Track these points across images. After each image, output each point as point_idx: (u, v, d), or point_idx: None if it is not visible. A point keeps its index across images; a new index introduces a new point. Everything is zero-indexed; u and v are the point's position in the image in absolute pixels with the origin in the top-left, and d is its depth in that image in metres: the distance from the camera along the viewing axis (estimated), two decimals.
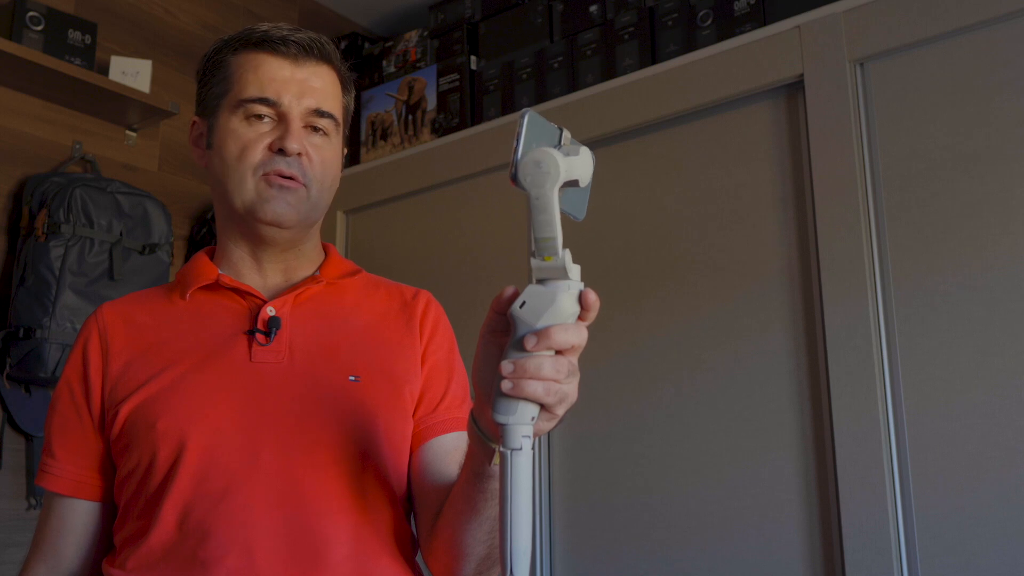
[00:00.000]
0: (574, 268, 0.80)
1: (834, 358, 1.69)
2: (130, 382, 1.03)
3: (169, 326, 1.07)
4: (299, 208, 1.05)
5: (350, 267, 1.16)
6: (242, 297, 1.07)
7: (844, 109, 1.76)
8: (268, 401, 1.00)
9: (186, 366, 1.02)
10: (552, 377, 0.76)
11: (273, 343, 1.03)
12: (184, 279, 1.10)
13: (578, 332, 0.77)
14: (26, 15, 2.04)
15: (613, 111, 2.10)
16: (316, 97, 1.06)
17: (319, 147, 1.07)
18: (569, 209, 0.85)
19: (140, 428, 1.00)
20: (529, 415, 0.78)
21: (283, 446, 0.98)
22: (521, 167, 0.78)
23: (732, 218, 1.91)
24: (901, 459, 1.62)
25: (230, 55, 1.09)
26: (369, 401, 1.03)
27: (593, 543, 1.96)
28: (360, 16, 2.96)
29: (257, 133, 1.04)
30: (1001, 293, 1.57)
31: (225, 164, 1.05)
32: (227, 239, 1.11)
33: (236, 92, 1.06)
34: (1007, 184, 1.60)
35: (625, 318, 2.01)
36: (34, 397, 2.01)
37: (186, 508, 0.96)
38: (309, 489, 0.97)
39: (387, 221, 2.45)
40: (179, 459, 0.97)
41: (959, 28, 1.67)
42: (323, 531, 0.96)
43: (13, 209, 2.08)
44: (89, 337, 1.09)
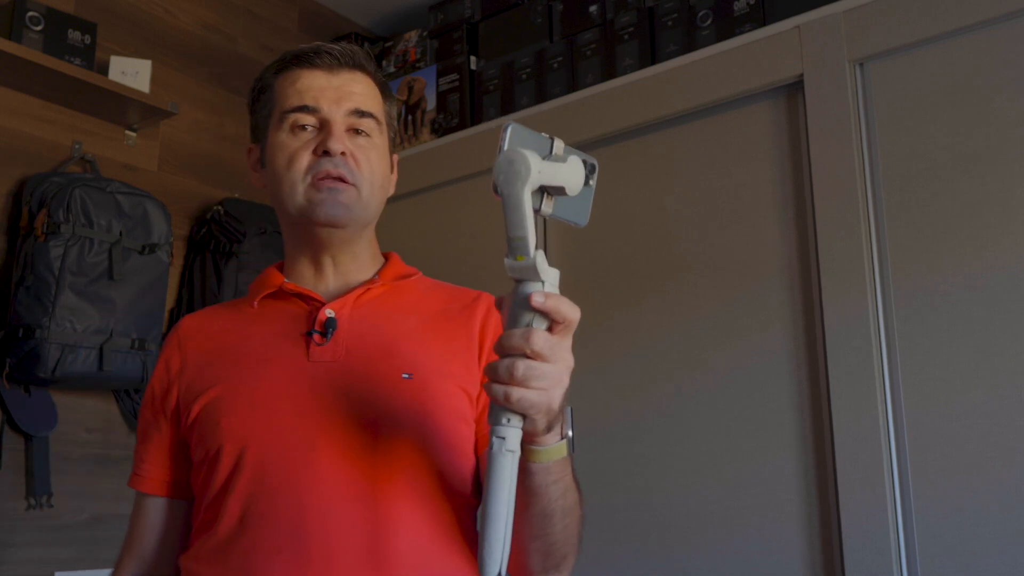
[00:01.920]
0: (550, 271, 0.80)
1: (834, 358, 1.69)
2: (201, 383, 1.09)
3: (238, 331, 1.13)
4: (351, 207, 1.09)
5: (409, 270, 1.19)
6: (304, 301, 1.12)
7: (844, 109, 1.76)
8: (324, 399, 1.03)
9: (249, 367, 1.08)
10: (505, 379, 0.80)
11: (329, 343, 1.07)
12: (255, 289, 1.17)
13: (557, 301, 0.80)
14: (26, 15, 2.04)
15: (613, 111, 2.10)
16: (354, 100, 1.11)
17: (363, 147, 1.11)
18: (569, 216, 0.86)
19: (208, 426, 1.06)
20: (501, 417, 0.80)
21: (337, 442, 1.01)
22: (496, 166, 0.79)
23: (732, 218, 1.91)
24: (901, 459, 1.62)
25: (272, 78, 1.15)
26: (421, 398, 1.04)
27: (593, 543, 1.96)
28: (360, 16, 2.95)
29: (302, 141, 1.09)
30: (1001, 293, 1.57)
31: (277, 176, 1.11)
32: (291, 249, 1.16)
33: (279, 107, 1.12)
34: (1007, 184, 1.60)
35: (625, 318, 2.01)
36: (34, 397, 2.01)
37: (247, 502, 1.01)
38: (363, 484, 0.99)
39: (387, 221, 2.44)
40: (241, 456, 1.02)
41: (959, 28, 1.67)
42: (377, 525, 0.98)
43: (13, 209, 2.08)
44: (169, 347, 1.17)
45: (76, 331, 1.95)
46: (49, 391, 2.05)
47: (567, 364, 0.83)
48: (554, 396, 0.82)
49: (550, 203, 0.84)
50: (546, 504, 0.93)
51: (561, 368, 0.82)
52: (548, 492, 0.92)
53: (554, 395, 0.82)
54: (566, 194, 0.83)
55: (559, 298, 0.80)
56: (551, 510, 0.94)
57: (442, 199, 2.38)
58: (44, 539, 1.99)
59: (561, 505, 0.94)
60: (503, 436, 0.80)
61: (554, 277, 0.81)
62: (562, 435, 0.90)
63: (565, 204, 0.85)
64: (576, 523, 0.99)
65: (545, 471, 0.90)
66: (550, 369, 0.81)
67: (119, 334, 2.01)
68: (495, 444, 0.80)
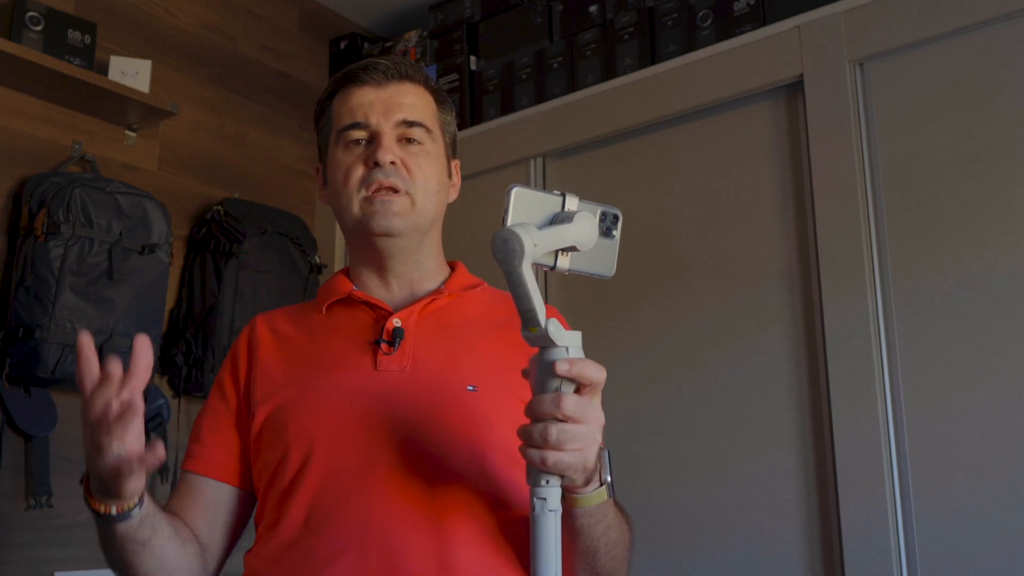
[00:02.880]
0: (568, 335, 0.82)
1: (834, 358, 1.69)
2: (269, 386, 1.12)
3: (307, 336, 1.16)
4: (405, 216, 1.11)
5: (474, 280, 1.22)
6: (372, 310, 1.14)
7: (844, 109, 1.76)
8: (389, 407, 1.06)
9: (317, 373, 1.10)
10: (539, 444, 0.83)
11: (397, 353, 1.09)
12: (324, 295, 1.18)
13: (582, 366, 0.82)
14: (26, 15, 2.04)
15: (613, 111, 2.10)
16: (403, 111, 1.14)
17: (415, 155, 1.14)
18: (590, 269, 0.88)
19: (275, 429, 1.08)
20: (540, 479, 0.83)
21: (401, 451, 1.03)
22: (492, 242, 0.81)
23: (732, 218, 1.91)
24: (901, 459, 1.62)
25: (329, 100, 1.19)
26: (484, 411, 1.06)
27: None
28: (360, 16, 2.95)
29: (355, 155, 1.13)
30: (1001, 293, 1.57)
31: (336, 190, 1.15)
32: (355, 260, 1.19)
33: (335, 127, 1.16)
34: (1007, 184, 1.60)
35: (625, 318, 2.01)
36: (33, 397, 2.01)
37: (312, 505, 1.03)
38: (423, 493, 1.01)
39: None
40: (307, 460, 1.04)
41: (959, 28, 1.67)
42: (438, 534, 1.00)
43: (13, 209, 2.07)
44: (240, 344, 1.19)
45: (76, 331, 1.95)
46: (49, 391, 2.05)
47: (598, 422, 0.86)
48: (589, 455, 0.85)
49: (566, 259, 0.85)
50: (590, 543, 0.97)
51: (593, 427, 0.85)
52: (591, 532, 0.95)
53: (589, 454, 0.85)
54: (577, 251, 0.85)
55: (584, 363, 0.83)
56: (595, 547, 0.97)
57: None
58: (44, 539, 1.99)
59: (605, 541, 0.98)
60: (544, 497, 0.82)
61: (576, 340, 0.83)
62: (601, 481, 0.93)
63: (585, 258, 0.86)
64: (624, 551, 1.03)
65: (587, 514, 0.93)
66: (583, 430, 0.83)
67: (119, 334, 2.01)
68: (537, 505, 0.82)
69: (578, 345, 0.83)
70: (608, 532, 0.98)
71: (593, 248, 0.86)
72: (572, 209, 0.85)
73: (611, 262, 0.88)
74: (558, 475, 0.84)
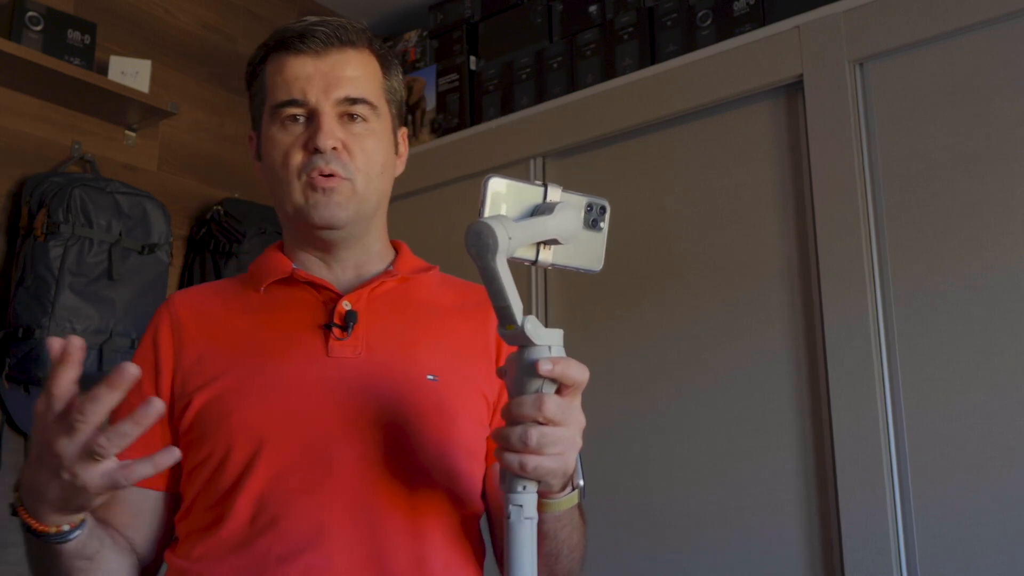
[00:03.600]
0: (546, 333, 0.77)
1: (833, 358, 1.69)
2: (204, 373, 1.02)
3: (244, 317, 1.06)
4: (347, 205, 1.04)
5: (423, 264, 1.14)
6: (317, 291, 1.06)
7: (844, 109, 1.76)
8: (345, 396, 0.98)
9: (261, 359, 1.01)
10: (519, 448, 0.78)
11: (350, 337, 1.01)
12: (257, 272, 1.09)
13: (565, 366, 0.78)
14: (25, 15, 2.04)
15: (613, 111, 2.10)
16: (344, 86, 1.04)
17: (359, 136, 1.05)
18: (576, 263, 0.82)
19: (214, 420, 0.99)
20: (516, 485, 0.78)
21: (361, 443, 0.97)
22: (466, 235, 0.75)
23: (732, 218, 1.91)
24: (901, 459, 1.62)
25: (261, 63, 1.10)
26: (447, 402, 1.01)
27: (593, 543, 1.96)
28: (360, 16, 2.95)
29: (293, 136, 1.04)
30: (1001, 293, 1.57)
31: (273, 173, 1.06)
32: (293, 241, 1.10)
33: (269, 100, 1.06)
34: (1007, 184, 1.60)
35: (625, 318, 2.01)
36: (33, 397, 2.01)
37: (261, 503, 0.95)
38: (385, 488, 0.96)
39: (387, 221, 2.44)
40: (256, 454, 0.96)
41: (959, 28, 1.67)
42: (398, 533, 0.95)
43: (12, 209, 2.08)
44: (160, 326, 1.07)
45: (76, 331, 1.95)
46: None
47: (579, 425, 0.82)
48: (569, 460, 0.82)
49: (549, 253, 0.80)
50: (555, 546, 0.94)
51: (574, 430, 0.81)
52: (558, 535, 0.93)
53: (569, 459, 0.81)
54: (559, 243, 0.80)
55: (567, 362, 0.79)
56: (559, 550, 0.95)
57: (442, 199, 2.38)
58: None
59: (568, 544, 0.96)
60: (520, 504, 0.78)
61: (557, 338, 0.79)
62: (573, 486, 0.90)
63: (569, 252, 0.81)
64: (582, 552, 1.00)
65: (556, 519, 0.91)
66: (564, 433, 0.80)
67: (119, 334, 2.01)
68: (513, 513, 0.77)
69: (560, 344, 0.79)
70: (572, 535, 0.95)
71: (578, 241, 0.81)
72: (554, 200, 0.79)
73: (598, 255, 0.83)
74: (536, 480, 0.79)
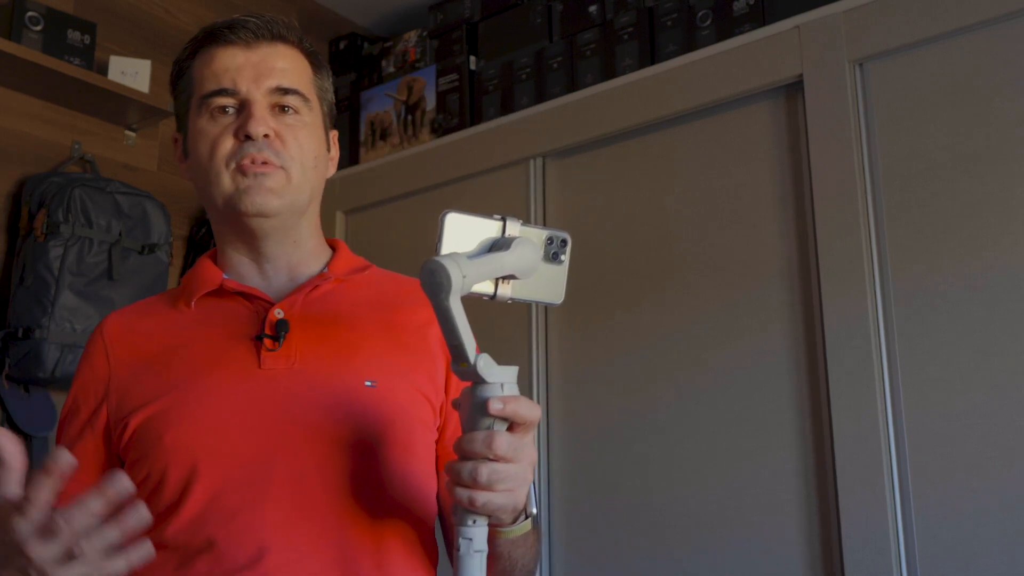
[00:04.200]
0: (499, 371, 0.78)
1: (833, 358, 1.69)
2: (136, 394, 1.00)
3: (174, 334, 1.03)
4: (280, 193, 1.00)
5: (360, 263, 1.12)
6: (248, 301, 1.03)
7: (843, 109, 1.76)
8: (279, 411, 0.96)
9: (192, 376, 0.99)
10: (469, 484, 0.78)
11: (282, 348, 0.98)
12: (188, 286, 1.07)
13: (516, 405, 0.78)
14: (25, 15, 2.04)
15: (612, 111, 2.10)
16: (276, 76, 1.02)
17: (291, 126, 1.02)
18: (535, 296, 0.83)
19: (148, 442, 0.97)
20: (467, 519, 0.79)
21: (297, 459, 0.94)
22: (421, 276, 0.76)
23: (732, 218, 1.91)
24: (900, 459, 1.62)
25: (188, 61, 1.07)
26: (387, 408, 0.98)
27: (593, 543, 1.96)
28: (359, 16, 2.95)
29: (223, 126, 1.01)
30: (1001, 293, 1.57)
31: (200, 165, 1.02)
32: (224, 244, 1.07)
33: (197, 92, 1.04)
34: (1007, 184, 1.60)
35: (625, 318, 2.01)
36: (33, 397, 2.01)
37: (199, 524, 0.93)
38: (325, 504, 0.94)
39: (386, 221, 2.45)
40: (192, 476, 0.94)
41: (959, 28, 1.67)
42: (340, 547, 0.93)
43: (12, 209, 2.08)
44: (94, 350, 1.06)
45: (75, 331, 1.95)
46: (49, 391, 2.05)
47: (531, 461, 0.82)
48: (519, 496, 0.82)
49: (507, 287, 0.81)
50: (508, 564, 0.94)
51: (524, 467, 0.81)
52: (511, 555, 0.93)
53: (519, 495, 0.82)
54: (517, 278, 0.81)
55: (518, 401, 0.79)
56: (512, 568, 0.95)
57: (441, 199, 2.38)
58: None
59: (522, 563, 0.96)
60: (470, 537, 0.79)
61: (511, 376, 0.79)
62: (526, 514, 0.89)
63: (527, 286, 0.82)
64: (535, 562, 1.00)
65: (510, 543, 0.91)
66: (514, 470, 0.80)
67: None
68: (463, 546, 0.79)
69: (512, 381, 0.79)
70: (526, 553, 0.95)
71: (537, 274, 0.82)
72: (512, 234, 0.80)
73: (559, 288, 0.83)
74: (486, 515, 0.80)
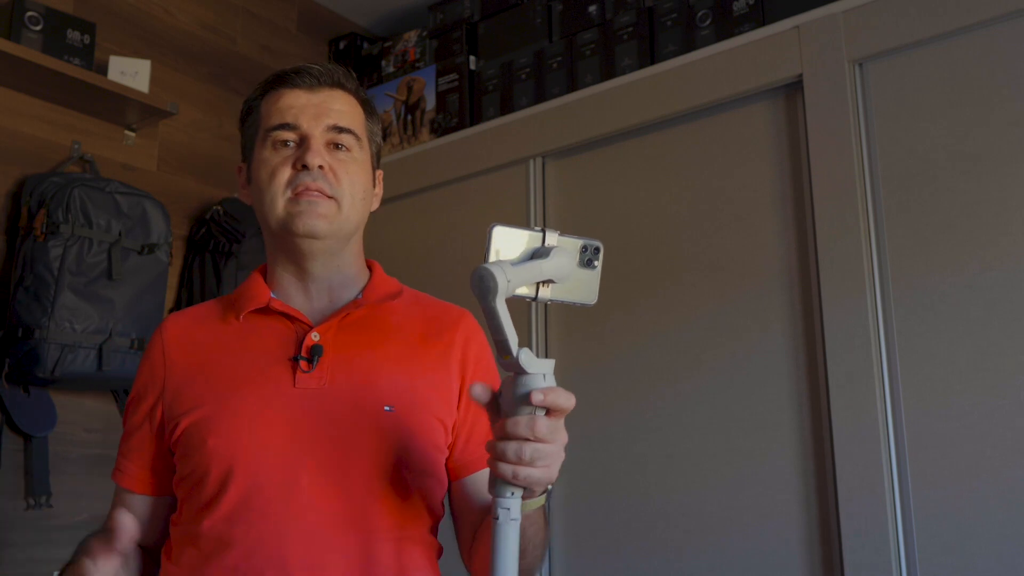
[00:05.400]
0: (539, 363, 0.89)
1: (833, 358, 1.69)
2: (187, 399, 1.12)
3: (223, 346, 1.15)
4: (330, 219, 1.12)
5: (393, 288, 1.22)
6: (291, 321, 1.15)
7: (843, 109, 1.76)
8: (308, 426, 1.08)
9: (235, 388, 1.11)
10: (514, 461, 0.89)
11: (315, 370, 1.10)
12: (239, 300, 1.19)
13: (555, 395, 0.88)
14: (25, 15, 2.04)
15: (612, 111, 2.10)
16: (333, 116, 1.15)
17: (343, 162, 1.15)
18: (571, 298, 0.94)
19: (194, 443, 1.09)
20: (506, 491, 0.90)
21: (321, 471, 1.06)
22: (471, 281, 0.88)
23: (731, 218, 1.91)
24: (900, 459, 1.62)
25: (258, 100, 1.20)
26: (402, 432, 1.10)
27: (593, 543, 1.96)
28: (359, 16, 2.95)
29: (283, 157, 1.14)
30: (1000, 293, 1.57)
31: (259, 189, 1.15)
32: (275, 264, 1.19)
33: (263, 126, 1.17)
34: (1007, 184, 1.60)
35: (624, 318, 2.01)
36: (33, 397, 2.01)
37: (230, 522, 1.05)
38: (344, 511, 1.05)
39: (386, 221, 2.45)
40: (227, 478, 1.06)
41: (959, 28, 1.67)
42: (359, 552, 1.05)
43: (12, 209, 2.08)
44: (154, 351, 1.19)
45: (75, 331, 1.95)
46: (48, 391, 2.05)
47: (563, 442, 0.93)
48: (554, 472, 0.93)
49: (547, 290, 0.92)
50: (523, 542, 1.01)
51: (559, 447, 0.92)
52: (526, 532, 1.00)
53: (554, 471, 0.93)
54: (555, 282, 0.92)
55: (556, 392, 0.88)
56: (524, 546, 1.02)
57: (441, 199, 2.38)
58: (43, 539, 1.99)
59: (534, 542, 1.04)
60: (508, 507, 0.89)
61: (549, 368, 0.89)
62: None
63: (565, 289, 0.93)
64: (543, 548, 1.09)
65: (525, 517, 0.98)
66: (552, 449, 0.91)
67: (118, 334, 2.01)
68: (501, 515, 0.89)
69: (551, 372, 0.89)
70: (537, 533, 1.04)
71: (572, 279, 0.93)
72: (551, 244, 0.92)
73: (592, 291, 0.95)
74: (523, 488, 0.90)
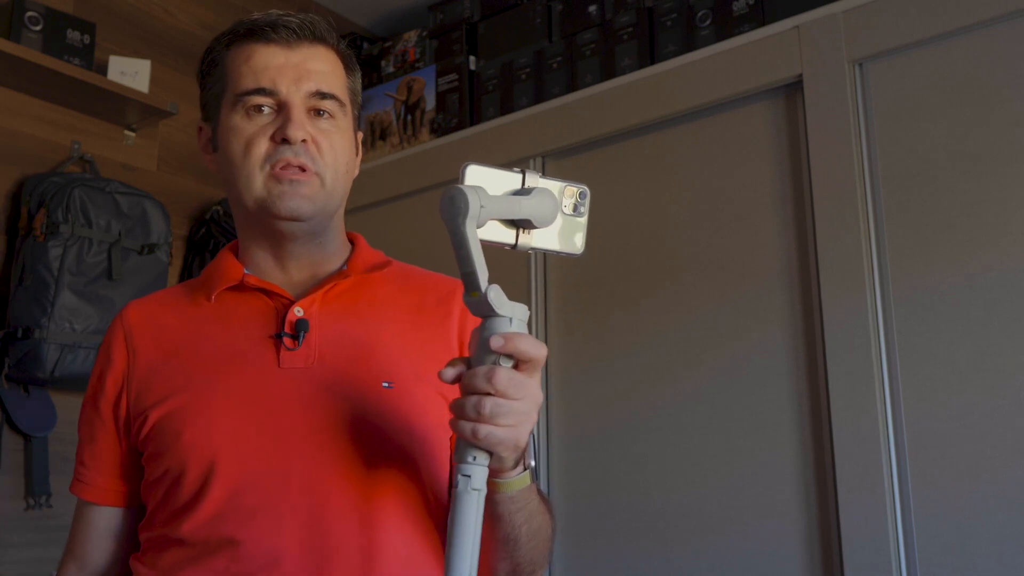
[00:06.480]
0: (512, 306, 0.79)
1: (833, 358, 1.69)
2: (156, 389, 1.00)
3: (195, 329, 1.03)
4: (314, 199, 1.00)
5: (380, 258, 1.11)
6: (269, 297, 1.03)
7: (843, 109, 1.76)
8: (298, 411, 0.96)
9: (212, 373, 0.99)
10: (472, 417, 0.78)
11: (302, 347, 0.99)
12: (209, 279, 1.07)
13: (518, 341, 0.78)
14: (25, 15, 2.04)
15: (612, 111, 2.10)
16: (315, 80, 1.02)
17: (327, 132, 1.02)
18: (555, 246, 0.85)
19: (168, 437, 0.97)
20: (467, 455, 0.79)
21: (315, 459, 0.95)
22: (440, 203, 0.78)
23: (731, 218, 1.91)
24: (900, 459, 1.62)
25: (223, 51, 1.06)
26: (404, 409, 0.98)
27: (592, 543, 1.96)
28: (359, 16, 2.95)
29: (258, 126, 1.00)
30: (1000, 293, 1.57)
31: (232, 163, 1.01)
32: (247, 239, 1.07)
33: (232, 88, 1.03)
34: (1006, 184, 1.60)
35: (624, 318, 2.01)
36: (33, 397, 2.01)
37: (216, 521, 0.94)
38: (341, 504, 0.94)
39: (386, 221, 2.45)
40: (210, 473, 0.94)
41: (959, 28, 1.67)
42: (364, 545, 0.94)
43: (12, 209, 2.08)
44: (114, 340, 1.07)
45: (75, 331, 1.95)
46: (48, 391, 2.05)
47: (535, 401, 0.82)
48: (521, 433, 0.81)
49: (528, 236, 0.83)
50: (511, 530, 0.92)
51: (528, 405, 0.81)
52: (513, 519, 0.91)
53: (521, 432, 0.81)
54: (536, 226, 0.83)
55: (521, 338, 0.79)
56: (516, 535, 0.93)
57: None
58: (43, 539, 1.99)
59: (526, 530, 0.93)
60: (468, 474, 0.78)
61: (521, 312, 0.80)
62: (525, 466, 0.88)
63: (548, 235, 0.84)
64: (545, 541, 0.98)
65: (509, 500, 0.89)
66: (517, 406, 0.79)
67: None
68: (460, 483, 0.78)
69: (523, 318, 0.79)
70: (530, 521, 0.93)
71: (557, 225, 0.84)
72: (532, 186, 0.83)
73: (578, 240, 0.85)
74: (487, 451, 0.80)
